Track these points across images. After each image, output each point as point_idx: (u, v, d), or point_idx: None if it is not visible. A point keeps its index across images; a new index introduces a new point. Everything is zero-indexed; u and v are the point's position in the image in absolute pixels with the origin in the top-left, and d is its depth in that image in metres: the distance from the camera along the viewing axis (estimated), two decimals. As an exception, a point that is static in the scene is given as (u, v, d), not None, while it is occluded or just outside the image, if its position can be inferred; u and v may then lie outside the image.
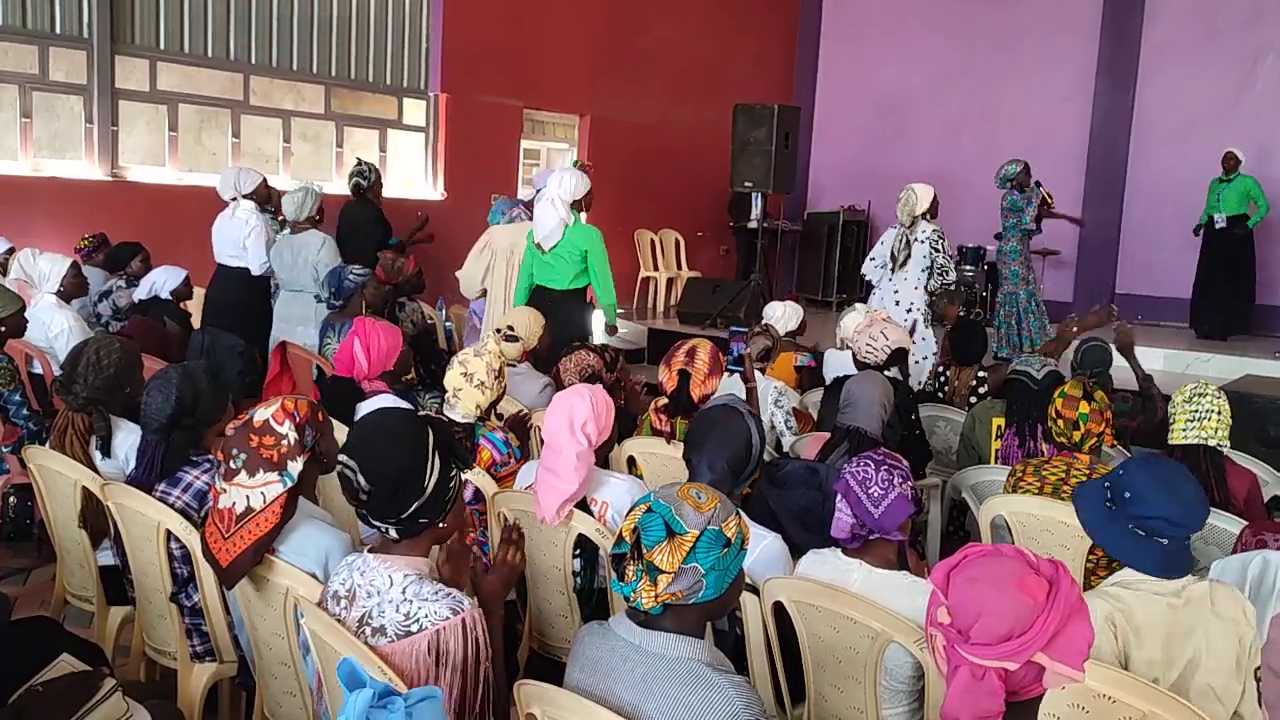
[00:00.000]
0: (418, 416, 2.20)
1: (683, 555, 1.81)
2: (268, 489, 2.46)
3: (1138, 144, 11.45)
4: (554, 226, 5.71)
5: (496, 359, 3.67)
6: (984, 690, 1.46)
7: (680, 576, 1.82)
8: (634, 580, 1.83)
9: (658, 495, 1.89)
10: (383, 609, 2.07)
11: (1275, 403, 5.61)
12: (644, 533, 1.84)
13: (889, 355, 4.62)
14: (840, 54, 13.65)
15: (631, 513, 1.89)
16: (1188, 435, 3.49)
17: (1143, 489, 2.26)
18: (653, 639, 1.86)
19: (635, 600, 1.83)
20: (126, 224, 6.95)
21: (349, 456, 2.14)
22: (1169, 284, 10.10)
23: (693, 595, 1.83)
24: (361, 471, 2.10)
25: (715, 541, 1.84)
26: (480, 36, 9.82)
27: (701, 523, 1.84)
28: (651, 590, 1.81)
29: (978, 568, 1.53)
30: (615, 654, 1.90)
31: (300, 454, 2.49)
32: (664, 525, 1.83)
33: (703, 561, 1.83)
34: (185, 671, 2.93)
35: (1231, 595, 2.34)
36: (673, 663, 1.83)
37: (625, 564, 1.86)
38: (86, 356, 3.42)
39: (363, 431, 2.22)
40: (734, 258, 12.72)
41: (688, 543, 1.82)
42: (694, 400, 3.86)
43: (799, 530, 3.01)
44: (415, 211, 7.96)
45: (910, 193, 6.79)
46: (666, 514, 1.84)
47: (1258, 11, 10.71)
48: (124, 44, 7.67)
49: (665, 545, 1.82)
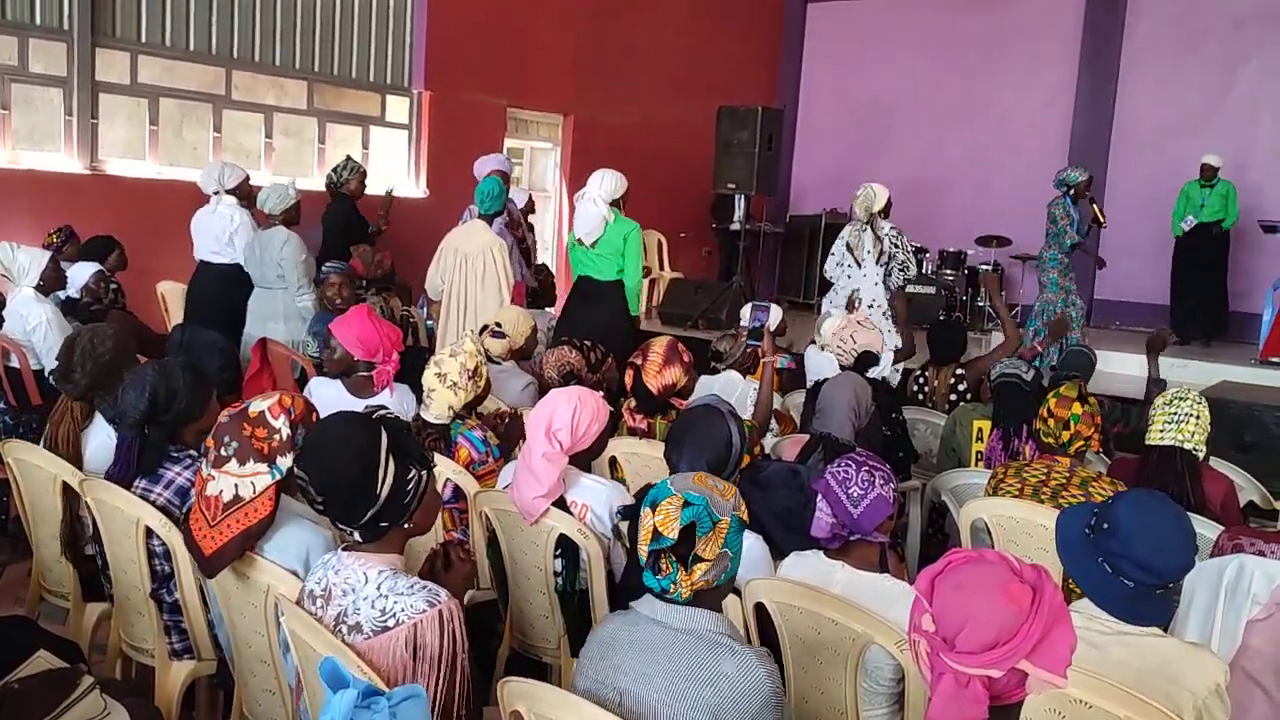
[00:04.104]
0: (370, 420, 2.14)
1: (720, 542, 1.93)
2: (257, 479, 2.46)
3: (1117, 150, 11.54)
4: (596, 224, 5.95)
5: (472, 358, 3.64)
6: (968, 697, 1.46)
7: (716, 563, 1.92)
8: (671, 572, 1.91)
9: (684, 489, 1.96)
10: (358, 606, 2.06)
11: (1251, 409, 5.67)
12: (698, 525, 1.92)
13: (856, 358, 4.65)
14: (824, 57, 13.70)
15: (663, 508, 1.94)
16: (1164, 437, 3.52)
17: (1123, 524, 2.12)
18: (675, 613, 1.94)
19: (675, 592, 1.92)
20: (105, 218, 6.90)
21: (300, 467, 2.14)
22: (1147, 290, 10.18)
23: (718, 579, 1.95)
24: (312, 483, 2.10)
25: (739, 526, 1.98)
26: (464, 34, 9.79)
27: (729, 509, 1.97)
28: (688, 580, 1.91)
29: (962, 574, 1.54)
30: (637, 627, 1.97)
31: (291, 450, 2.48)
32: (708, 515, 1.92)
33: (731, 546, 1.95)
34: (163, 669, 2.91)
35: (1204, 671, 2.09)
36: (697, 634, 1.92)
37: (660, 558, 1.92)
38: (81, 345, 3.41)
39: (312, 441, 2.21)
40: (716, 259, 12.73)
41: (724, 530, 1.94)
42: (652, 392, 3.89)
43: (780, 531, 3.02)
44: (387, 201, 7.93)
45: (869, 190, 6.91)
46: (704, 505, 1.93)
47: (1236, 19, 10.81)
48: (105, 36, 7.60)
49: (711, 535, 1.92)
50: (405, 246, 7.71)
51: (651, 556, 1.93)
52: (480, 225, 6.11)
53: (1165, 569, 2.11)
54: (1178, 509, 2.21)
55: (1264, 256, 9.74)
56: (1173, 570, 2.13)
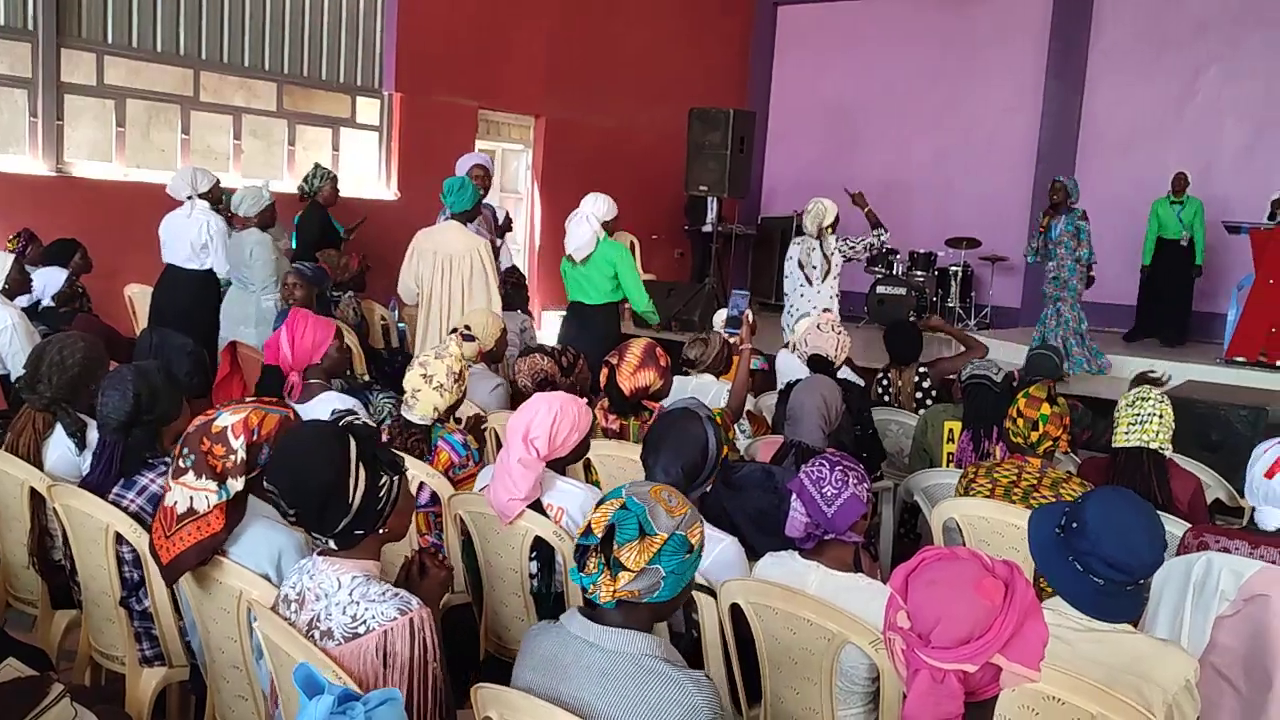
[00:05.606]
0: (338, 430, 2.11)
1: (650, 556, 1.85)
2: (209, 496, 2.43)
3: (1084, 153, 11.67)
4: (587, 239, 6.08)
5: (457, 361, 3.63)
6: (944, 693, 1.48)
7: (642, 576, 1.85)
8: (595, 573, 1.86)
9: (632, 493, 1.91)
10: (330, 612, 2.05)
11: (1217, 408, 5.74)
12: (619, 528, 1.86)
13: (808, 360, 4.68)
14: (795, 60, 13.76)
15: (604, 506, 1.91)
16: (1130, 438, 3.56)
17: (1092, 523, 2.13)
18: (608, 635, 1.87)
19: (593, 593, 1.86)
20: (70, 221, 6.82)
21: (269, 481, 2.12)
22: (1113, 291, 10.29)
23: (648, 595, 1.86)
24: (283, 496, 2.09)
25: (680, 547, 1.88)
26: (435, 36, 9.76)
27: (671, 526, 1.87)
28: (611, 585, 1.84)
29: (936, 571, 1.55)
30: (569, 651, 1.91)
31: (243, 473, 2.44)
32: (638, 524, 1.86)
33: (665, 564, 1.86)
34: (134, 676, 2.88)
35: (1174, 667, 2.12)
36: (630, 658, 1.85)
37: (589, 555, 1.88)
38: (49, 356, 3.34)
39: (281, 453, 2.20)
40: (689, 261, 12.76)
41: (656, 544, 1.85)
42: (625, 394, 3.89)
43: (755, 532, 3.02)
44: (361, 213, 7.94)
45: (819, 205, 6.92)
46: (641, 514, 1.87)
47: (1199, 24, 10.97)
48: (70, 37, 7.52)
49: (636, 544, 1.85)
50: (377, 249, 7.67)
51: (579, 550, 1.90)
52: (457, 225, 6.07)
53: (1134, 566, 2.12)
54: (1146, 507, 2.22)
55: (1228, 256, 9.88)
56: (1141, 567, 2.14)
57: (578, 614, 1.94)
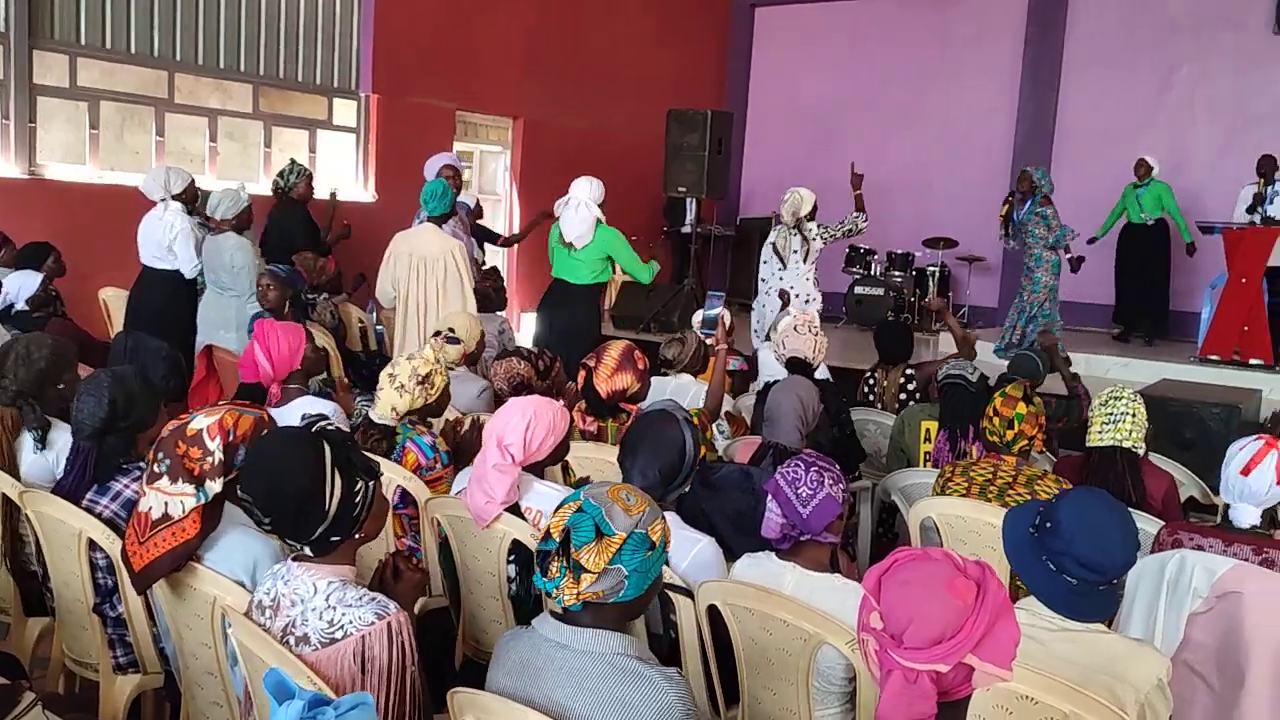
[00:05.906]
0: (311, 435, 2.09)
1: (609, 556, 1.85)
2: (185, 500, 2.41)
3: (1060, 151, 11.75)
4: (588, 226, 6.20)
5: (426, 364, 3.60)
6: (917, 693, 1.48)
7: (604, 576, 1.85)
8: (557, 576, 1.86)
9: (588, 495, 1.91)
10: (306, 617, 2.04)
11: (1191, 406, 5.79)
12: (574, 532, 1.85)
13: (786, 362, 4.69)
14: (772, 61, 13.78)
15: (561, 510, 1.90)
16: (1103, 438, 3.59)
17: (1065, 523, 2.13)
18: (580, 636, 1.87)
19: (557, 597, 1.85)
20: (44, 224, 6.75)
21: (243, 489, 2.11)
22: (1090, 289, 10.36)
23: (613, 595, 1.86)
24: (257, 505, 2.07)
25: (641, 544, 1.88)
26: (412, 37, 9.73)
27: (629, 525, 1.87)
28: (574, 588, 1.84)
29: (908, 572, 1.56)
30: (541, 654, 1.91)
31: (221, 475, 2.42)
32: (594, 526, 1.86)
33: (627, 563, 1.86)
34: (108, 683, 2.86)
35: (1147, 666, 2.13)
36: (602, 658, 1.85)
37: (550, 560, 1.87)
38: (16, 350, 3.35)
39: (253, 461, 2.18)
40: (668, 262, 12.77)
41: (615, 544, 1.85)
42: (602, 396, 3.89)
43: (733, 533, 3.03)
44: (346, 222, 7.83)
45: (795, 195, 7.02)
46: (597, 515, 1.86)
47: (1173, 23, 11.08)
48: (43, 38, 7.45)
49: (593, 546, 1.85)
50: (354, 251, 7.64)
51: (540, 556, 1.90)
52: (432, 228, 6.06)
53: (1107, 566, 2.13)
54: (1120, 507, 2.23)
55: (1203, 256, 9.95)
56: (1114, 568, 2.15)
57: (549, 617, 1.94)
